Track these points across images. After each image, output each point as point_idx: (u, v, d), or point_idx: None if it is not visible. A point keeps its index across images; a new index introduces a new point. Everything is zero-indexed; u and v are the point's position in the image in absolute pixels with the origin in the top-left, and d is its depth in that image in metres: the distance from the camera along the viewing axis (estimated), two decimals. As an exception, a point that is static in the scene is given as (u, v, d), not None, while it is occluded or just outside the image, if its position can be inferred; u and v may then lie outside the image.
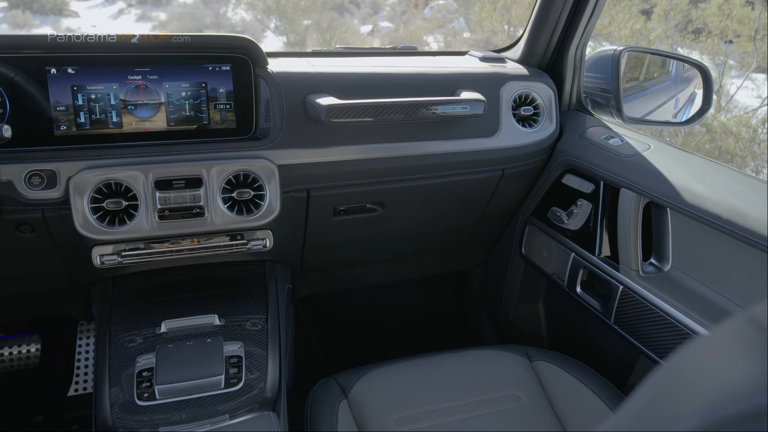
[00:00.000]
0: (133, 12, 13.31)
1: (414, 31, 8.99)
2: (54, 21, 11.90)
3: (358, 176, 1.30)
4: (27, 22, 11.35)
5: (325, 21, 10.34)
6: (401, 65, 1.37)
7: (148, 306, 1.21)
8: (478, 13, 7.50)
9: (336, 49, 1.51)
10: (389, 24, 10.63)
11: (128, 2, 13.65)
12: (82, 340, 1.82)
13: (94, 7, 13.57)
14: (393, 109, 1.20)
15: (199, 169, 1.15)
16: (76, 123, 1.15)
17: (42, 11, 12.32)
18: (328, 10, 10.93)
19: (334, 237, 1.43)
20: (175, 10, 13.00)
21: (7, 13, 11.78)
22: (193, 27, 11.00)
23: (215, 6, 12.68)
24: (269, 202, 1.19)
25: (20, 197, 1.08)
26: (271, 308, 1.23)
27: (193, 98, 1.20)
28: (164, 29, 11.11)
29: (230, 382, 1.06)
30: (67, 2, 12.75)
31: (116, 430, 0.97)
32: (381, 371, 1.22)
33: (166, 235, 1.16)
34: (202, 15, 12.16)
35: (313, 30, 10.15)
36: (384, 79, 1.32)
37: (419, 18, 10.38)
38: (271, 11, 11.20)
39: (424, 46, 2.41)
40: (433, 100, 1.24)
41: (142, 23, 12.25)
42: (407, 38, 8.62)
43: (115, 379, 1.05)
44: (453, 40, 8.56)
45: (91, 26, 11.75)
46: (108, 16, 13.14)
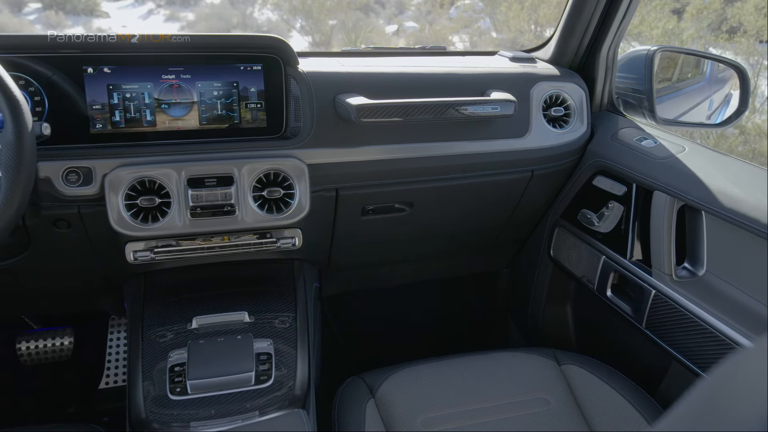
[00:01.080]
0: (162, 12, 13.50)
1: (439, 31, 8.95)
2: (85, 21, 12.13)
3: (386, 176, 1.30)
4: (60, 22, 11.59)
5: (350, 21, 10.37)
6: (430, 65, 1.37)
7: (179, 302, 1.23)
8: (504, 12, 7.44)
9: (365, 49, 1.51)
10: (414, 24, 10.61)
11: (157, 3, 13.86)
12: (113, 334, 1.86)
13: (124, 8, 13.80)
14: (422, 109, 1.20)
15: (230, 167, 1.16)
16: (112, 121, 1.17)
17: (74, 12, 12.57)
18: (353, 10, 10.96)
19: (362, 236, 1.43)
20: (203, 10, 13.16)
21: (41, 14, 12.04)
22: (220, 27, 11.12)
23: (242, 6, 12.80)
24: (299, 201, 1.19)
25: (57, 193, 1.11)
26: (300, 306, 1.24)
27: (224, 97, 1.22)
28: (192, 29, 11.25)
29: (260, 378, 1.07)
30: (98, 3, 12.99)
31: (150, 423, 0.98)
32: (408, 371, 1.22)
33: (198, 232, 1.18)
34: (229, 15, 12.30)
35: (339, 30, 10.19)
36: (413, 79, 1.32)
37: (444, 18, 10.34)
38: (296, 11, 11.27)
39: (449, 46, 2.39)
40: (463, 101, 1.24)
41: (170, 23, 12.42)
42: (432, 38, 8.60)
43: (148, 373, 1.07)
44: (479, 39, 8.50)
45: (121, 26, 11.96)
46: (138, 17, 13.35)
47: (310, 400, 1.08)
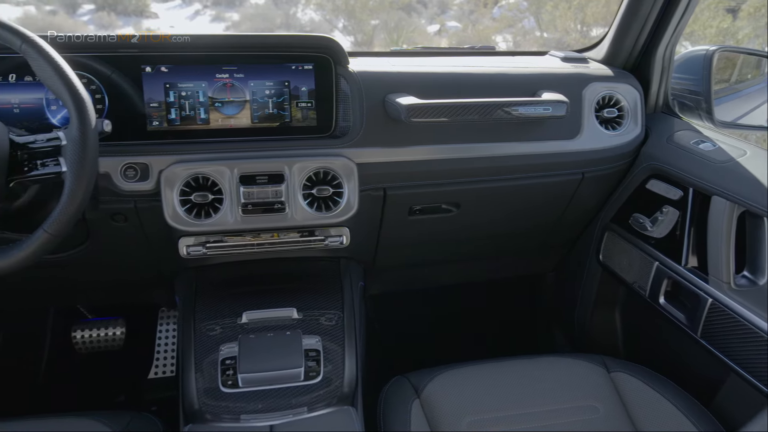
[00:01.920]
0: (208, 13, 13.78)
1: (482, 31, 8.88)
2: (135, 22, 12.48)
3: (434, 176, 1.30)
4: (112, 23, 11.95)
5: (392, 21, 10.38)
6: (480, 65, 1.36)
7: (229, 297, 1.25)
8: (549, 12, 7.32)
9: (415, 48, 1.51)
10: (457, 24, 10.54)
11: (204, 3, 14.15)
12: (162, 326, 1.91)
13: (172, 9, 14.14)
14: (472, 109, 1.19)
15: (281, 165, 1.18)
16: (167, 119, 1.20)
17: (125, 13, 12.94)
18: (395, 9, 10.96)
19: (408, 236, 1.43)
20: (248, 10, 13.38)
21: (94, 15, 12.45)
22: (264, 27, 11.29)
23: (285, 6, 12.97)
24: (347, 200, 1.20)
25: (116, 188, 1.14)
26: (347, 305, 1.25)
27: (276, 96, 1.23)
28: (237, 29, 11.44)
29: (309, 375, 1.08)
30: (147, 4, 13.34)
31: (203, 414, 1.01)
32: (454, 373, 1.21)
33: (249, 228, 1.20)
34: (273, 15, 12.47)
35: (381, 30, 10.20)
36: (463, 79, 1.31)
37: (487, 17, 10.25)
38: (339, 11, 11.34)
39: (492, 46, 2.38)
40: (514, 101, 1.22)
41: (216, 24, 12.68)
42: (475, 38, 8.53)
43: (200, 365, 1.10)
44: (522, 39, 8.39)
45: (169, 27, 12.26)
46: (185, 17, 13.65)
47: (358, 398, 1.08)
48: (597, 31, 7.02)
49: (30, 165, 0.95)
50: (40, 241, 0.91)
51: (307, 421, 0.99)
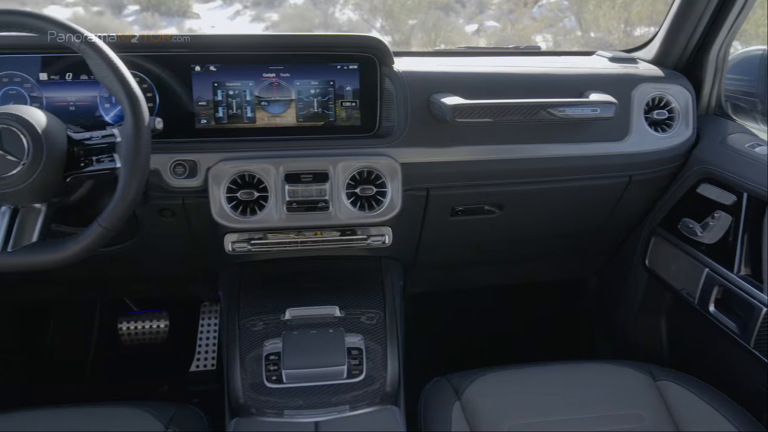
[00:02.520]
0: (248, 13, 13.97)
1: (522, 30, 8.76)
2: (178, 22, 12.74)
3: (478, 177, 1.29)
4: (155, 23, 12.23)
5: (430, 20, 10.34)
6: (526, 65, 1.34)
7: (272, 293, 1.27)
8: (592, 11, 7.17)
9: (459, 48, 1.50)
10: (496, 23, 10.43)
11: (244, 4, 14.36)
12: (204, 320, 1.95)
13: (213, 9, 14.39)
14: (518, 109, 1.18)
15: (326, 164, 1.19)
16: (215, 117, 1.23)
17: (168, 13, 13.22)
18: (433, 9, 10.92)
19: (449, 237, 1.42)
20: (287, 11, 13.52)
21: (138, 16, 12.76)
22: (303, 27, 11.39)
23: (324, 7, 13.06)
24: (391, 199, 1.20)
25: (165, 185, 1.17)
26: (388, 304, 1.26)
27: (321, 96, 1.24)
28: (276, 29, 11.58)
29: (352, 373, 1.09)
30: (190, 5, 13.60)
31: (248, 408, 1.02)
32: (495, 376, 1.20)
33: (293, 226, 1.21)
34: (311, 15, 12.57)
35: (418, 29, 10.18)
36: (508, 79, 1.29)
37: (527, 17, 10.11)
38: (377, 11, 11.37)
39: (538, 46, 2.33)
40: (560, 102, 1.20)
41: (255, 24, 12.85)
42: (514, 37, 8.43)
43: (244, 360, 1.11)
44: (563, 39, 8.24)
45: (210, 27, 12.47)
46: (226, 18, 13.88)
47: (400, 398, 1.09)
48: (640, 31, 6.85)
49: (86, 161, 0.98)
50: (95, 235, 0.94)
51: (352, 419, 1.00)
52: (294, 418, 0.99)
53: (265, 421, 0.98)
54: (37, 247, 0.94)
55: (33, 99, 1.19)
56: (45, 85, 1.19)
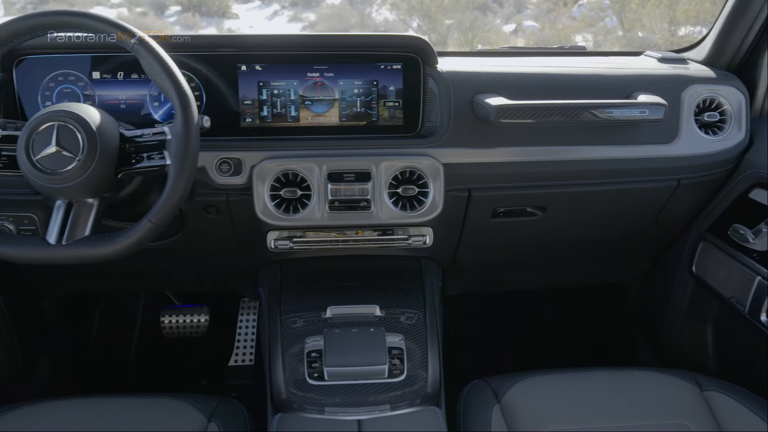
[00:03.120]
0: (286, 14, 14.12)
1: (561, 30, 8.62)
2: (218, 22, 12.96)
3: (521, 178, 1.27)
4: (196, 23, 12.46)
5: (467, 20, 10.28)
6: (571, 65, 1.32)
7: (313, 291, 1.28)
8: (635, 10, 7.01)
9: (503, 48, 1.49)
10: (534, 23, 10.30)
11: (282, 4, 14.53)
12: (243, 315, 1.98)
13: (252, 10, 14.60)
14: (561, 110, 1.16)
15: (368, 163, 1.19)
16: (260, 116, 1.24)
17: (208, 14, 13.46)
18: (470, 9, 10.85)
19: (489, 238, 1.41)
20: (324, 11, 13.63)
21: (179, 16, 13.03)
22: (340, 27, 11.46)
23: (361, 7, 13.11)
24: (433, 200, 1.20)
25: (211, 182, 1.19)
26: (428, 304, 1.25)
27: (364, 95, 1.25)
28: (313, 29, 11.68)
29: (393, 372, 1.09)
30: (229, 5, 13.82)
31: (290, 404, 1.03)
32: (535, 380, 1.18)
33: (335, 225, 1.22)
34: (348, 15, 12.64)
35: (455, 29, 10.13)
36: (554, 80, 1.28)
37: (566, 16, 9.95)
38: (414, 11, 11.35)
39: (583, 46, 2.28)
40: (607, 103, 1.18)
41: (293, 24, 12.98)
42: (554, 37, 8.30)
43: (285, 356, 1.13)
44: (603, 39, 8.08)
45: (248, 27, 12.65)
46: (264, 18, 14.06)
47: (441, 399, 1.08)
48: (685, 31, 6.67)
49: (137, 158, 1.01)
50: (145, 230, 0.96)
51: (394, 419, 1.00)
52: (336, 416, 1.00)
53: (308, 418, 0.99)
54: (90, 240, 0.97)
55: (86, 97, 1.23)
56: (97, 83, 1.22)
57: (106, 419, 1.06)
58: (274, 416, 1.01)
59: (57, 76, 1.22)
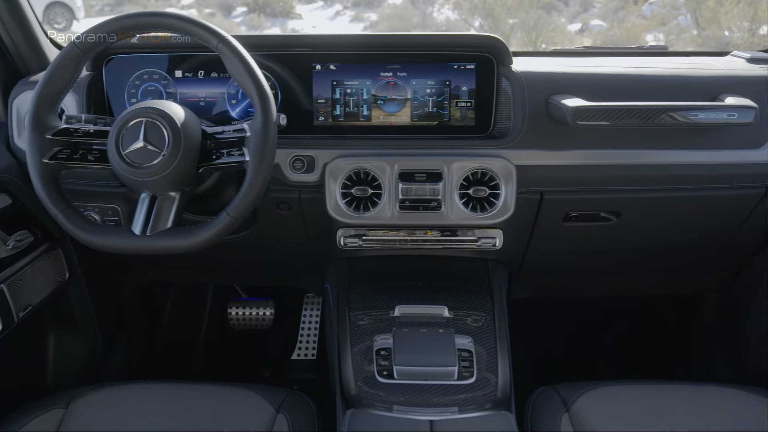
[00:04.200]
0: (348, 14, 14.27)
1: (630, 29, 8.32)
2: (282, 23, 13.25)
3: (595, 182, 1.24)
4: (261, 24, 12.78)
5: (531, 19, 10.09)
6: (652, 66, 1.27)
7: (381, 289, 1.29)
8: (712, 8, 6.67)
9: (579, 48, 1.45)
10: (601, 22, 9.98)
11: (344, 4, 14.70)
12: (307, 311, 2.02)
13: (315, 10, 14.83)
14: (644, 113, 1.11)
15: (440, 164, 1.19)
16: (332, 115, 1.26)
17: (273, 14, 13.78)
18: (535, 8, 10.64)
19: (560, 243, 1.38)
20: (385, 11, 13.69)
21: (246, 17, 13.39)
22: (401, 27, 11.48)
23: (422, 6, 13.10)
24: (504, 202, 1.18)
25: (284, 179, 1.22)
26: (497, 307, 1.24)
27: (436, 95, 1.25)
28: (374, 29, 11.75)
29: (462, 375, 1.08)
30: (293, 6, 14.10)
31: (360, 400, 1.04)
32: (606, 390, 1.14)
33: (405, 224, 1.23)
34: (410, 15, 12.65)
35: (518, 29, 9.96)
36: (634, 81, 1.23)
37: (635, 15, 9.61)
38: (476, 10, 11.24)
39: (665, 45, 2.18)
40: (692, 106, 1.13)
41: (355, 24, 13.11)
42: (622, 37, 8.02)
43: (355, 353, 1.14)
44: (676, 39, 7.74)
45: (311, 27, 12.87)
46: (326, 18, 14.26)
47: (512, 404, 1.07)
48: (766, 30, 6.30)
49: (217, 153, 1.04)
50: (224, 224, 0.99)
51: (467, 422, 0.99)
52: (406, 415, 1.00)
53: (379, 415, 1.00)
54: (172, 232, 1.01)
55: (168, 95, 1.28)
56: (179, 81, 1.27)
57: (180, 404, 1.10)
58: (346, 411, 1.02)
59: (142, 75, 1.28)
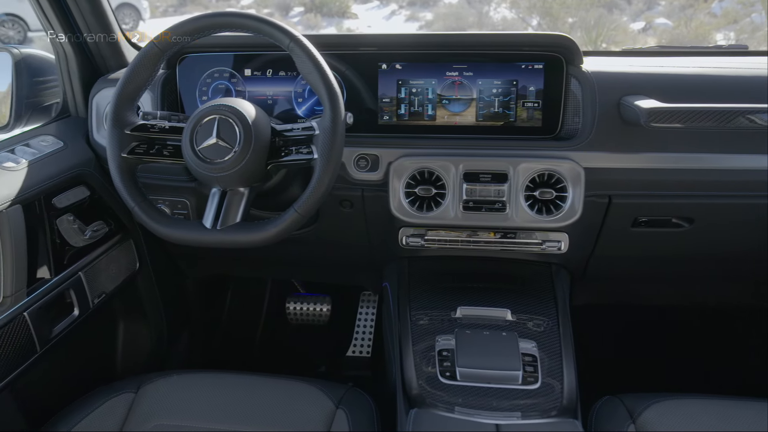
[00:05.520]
0: (403, 13, 14.28)
1: (698, 28, 7.98)
2: (337, 23, 13.39)
3: (667, 186, 1.19)
4: (317, 24, 12.96)
5: (591, 18, 9.82)
6: (731, 66, 1.21)
7: (442, 290, 1.28)
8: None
9: (652, 48, 1.40)
10: (666, 20, 9.61)
11: (400, 4, 14.72)
12: (363, 308, 2.03)
13: (370, 9, 14.92)
14: (720, 115, 1.06)
15: (506, 165, 1.17)
16: (397, 114, 1.26)
17: (329, 14, 13.95)
18: (595, 6, 10.36)
19: (627, 249, 1.33)
20: (441, 10, 13.63)
21: (302, 17, 13.61)
22: (457, 26, 11.41)
23: (478, 5, 12.96)
24: (571, 205, 1.16)
25: (348, 177, 1.23)
26: (560, 312, 1.21)
27: (503, 95, 1.23)
28: (430, 29, 11.72)
29: (527, 380, 1.06)
30: (349, 6, 14.22)
31: (423, 399, 1.04)
32: (674, 403, 1.10)
33: (468, 225, 1.21)
34: (465, 14, 12.54)
35: (577, 28, 9.72)
36: (711, 81, 1.18)
37: (704, 13, 9.20)
38: (534, 9, 11.04)
39: (745, 45, 2.05)
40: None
41: (410, 23, 13.10)
42: (690, 36, 7.70)
43: (415, 352, 1.14)
44: (749, 38, 7.37)
45: (366, 26, 12.95)
46: (381, 17, 14.31)
47: (578, 412, 1.04)
48: None
49: (286, 151, 1.06)
50: (291, 219, 1.01)
51: (534, 427, 0.97)
52: (471, 417, 0.99)
53: (444, 416, 0.99)
54: (241, 227, 1.03)
55: (237, 93, 1.31)
56: (248, 79, 1.30)
57: (243, 394, 1.13)
58: (410, 411, 1.02)
59: (213, 73, 1.31)
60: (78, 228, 1.26)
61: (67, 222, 1.25)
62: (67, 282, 1.24)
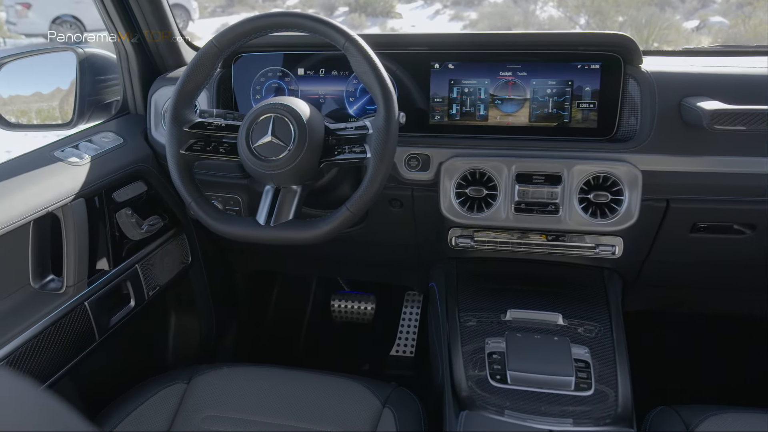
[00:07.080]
0: (448, 12, 14.21)
1: (756, 27, 7.66)
2: (381, 22, 13.42)
3: (729, 191, 1.15)
4: (361, 23, 13.02)
5: (642, 17, 9.55)
6: None
7: (491, 292, 1.27)
8: None
9: (715, 47, 1.35)
10: (722, 19, 9.26)
11: (444, 3, 14.65)
12: (407, 308, 2.03)
13: (414, 9, 14.91)
14: None
15: (560, 166, 1.15)
16: (448, 114, 1.26)
17: (374, 14, 14.01)
18: (647, 5, 10.08)
19: (684, 254, 1.29)
20: (486, 9, 13.51)
21: (347, 17, 13.70)
22: (502, 25, 11.28)
23: (524, 4, 12.79)
24: (627, 209, 1.13)
25: (399, 176, 1.23)
26: (614, 318, 1.18)
27: (557, 96, 1.21)
28: (474, 28, 11.63)
29: (580, 386, 1.04)
30: (393, 5, 14.25)
31: (473, 401, 1.03)
32: (732, 417, 1.06)
33: (519, 227, 1.20)
34: (511, 14, 12.39)
35: (628, 26, 9.47)
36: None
37: (763, 11, 8.83)
38: (582, 8, 10.82)
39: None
40: None
41: (454, 23, 13.02)
42: (747, 35, 7.40)
43: (465, 354, 1.13)
44: (813, 36, 7.04)
45: (410, 26, 12.94)
46: (426, 17, 14.28)
47: (634, 421, 1.01)
48: None
49: (339, 149, 1.07)
50: (343, 218, 1.01)
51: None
52: (523, 421, 0.98)
53: (495, 419, 0.98)
54: (294, 224, 1.05)
55: (290, 92, 1.33)
56: (301, 79, 1.32)
57: (291, 388, 1.15)
58: (460, 413, 1.02)
59: (267, 72, 1.34)
60: (135, 222, 1.31)
61: (126, 216, 1.29)
62: (124, 274, 1.28)
